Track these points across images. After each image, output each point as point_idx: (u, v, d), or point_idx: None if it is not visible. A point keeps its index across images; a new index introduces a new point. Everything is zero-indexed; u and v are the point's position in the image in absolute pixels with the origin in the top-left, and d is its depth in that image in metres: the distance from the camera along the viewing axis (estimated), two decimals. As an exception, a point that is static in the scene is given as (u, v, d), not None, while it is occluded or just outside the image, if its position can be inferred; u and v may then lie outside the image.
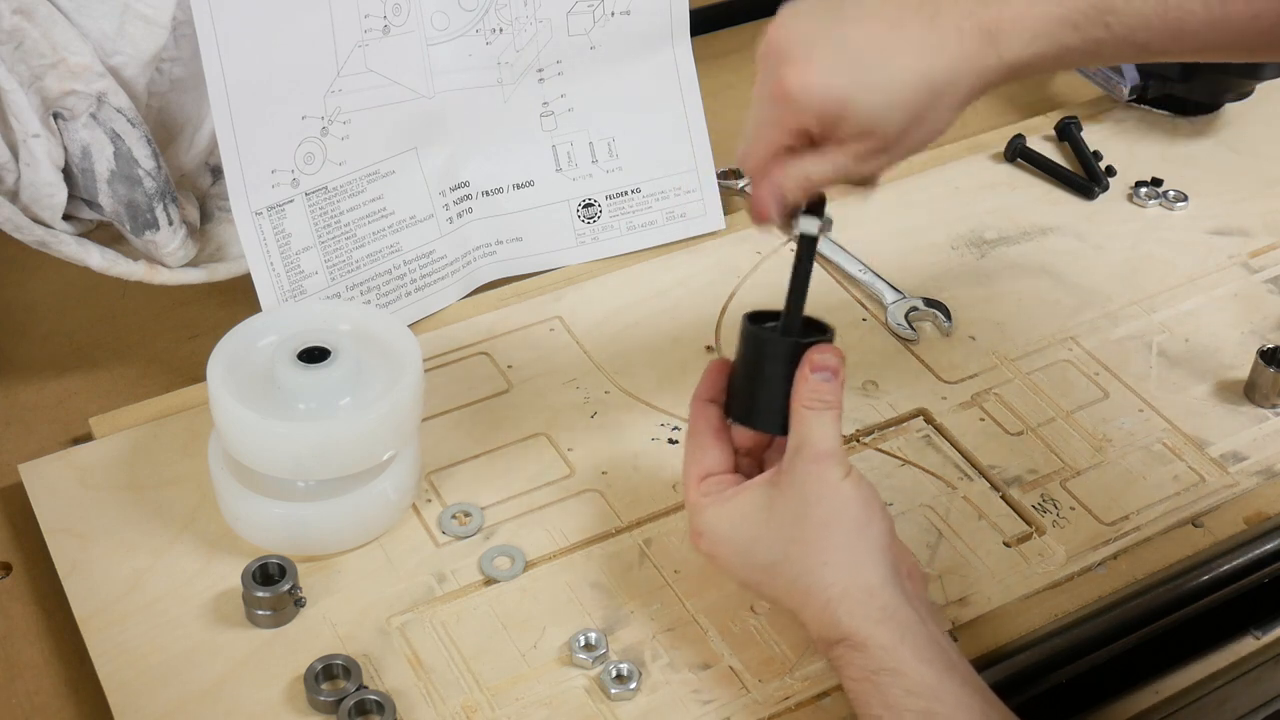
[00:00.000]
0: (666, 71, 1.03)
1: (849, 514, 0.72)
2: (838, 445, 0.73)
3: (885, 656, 0.69)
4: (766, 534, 0.74)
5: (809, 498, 0.73)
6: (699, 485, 0.77)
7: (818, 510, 0.72)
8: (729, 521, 0.75)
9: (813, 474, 0.73)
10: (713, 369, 0.79)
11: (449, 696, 0.76)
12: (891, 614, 0.70)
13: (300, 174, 0.92)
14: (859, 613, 0.71)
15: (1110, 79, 1.17)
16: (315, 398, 0.80)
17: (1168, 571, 0.84)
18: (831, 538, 0.72)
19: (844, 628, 0.71)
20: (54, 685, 0.78)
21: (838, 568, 0.72)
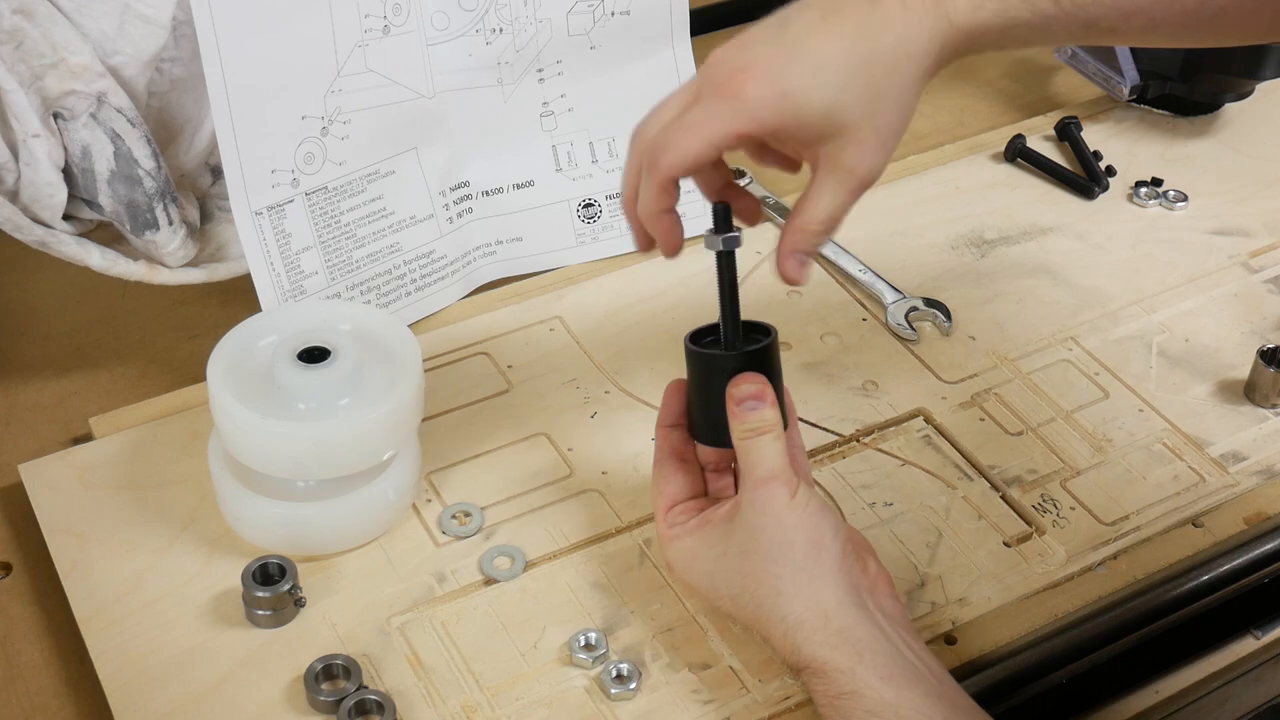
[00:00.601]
0: (666, 71, 1.03)
1: (798, 540, 0.72)
2: (779, 468, 0.73)
3: (844, 680, 0.69)
4: (724, 567, 0.74)
5: (756, 528, 0.73)
6: (665, 516, 0.78)
7: (765, 540, 0.73)
8: (691, 555, 0.76)
9: (758, 502, 0.73)
10: (670, 392, 0.80)
11: (449, 696, 0.76)
12: (847, 635, 0.70)
13: (300, 174, 0.92)
14: (816, 639, 0.71)
15: (1110, 79, 1.17)
16: (315, 398, 0.80)
17: (1168, 571, 0.84)
18: (782, 567, 0.72)
19: (804, 655, 0.71)
20: (54, 685, 0.78)
21: (791, 597, 0.72)
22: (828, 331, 0.99)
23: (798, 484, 0.74)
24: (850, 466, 0.89)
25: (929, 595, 0.81)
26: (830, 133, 0.70)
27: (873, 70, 0.69)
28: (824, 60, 0.69)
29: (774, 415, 0.74)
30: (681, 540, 0.77)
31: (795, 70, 0.69)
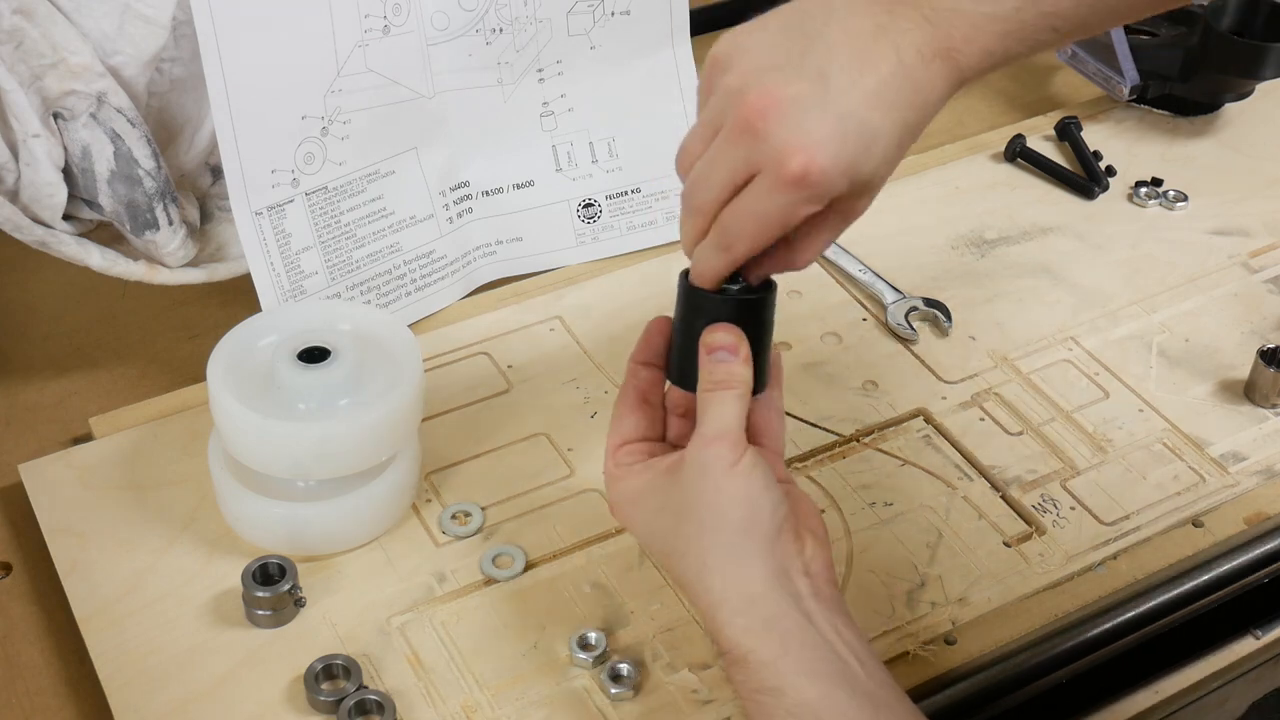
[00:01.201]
0: (666, 71, 1.03)
1: (732, 512, 0.68)
2: (730, 429, 0.69)
3: (766, 673, 0.65)
4: (660, 523, 0.71)
5: (693, 491, 0.69)
6: (615, 454, 0.74)
7: (699, 505, 0.69)
8: (631, 500, 0.72)
9: (700, 462, 0.69)
10: (651, 329, 0.76)
11: (449, 696, 0.76)
12: (774, 624, 0.66)
13: (300, 174, 0.92)
14: (739, 624, 0.66)
15: (1110, 79, 1.17)
16: (315, 398, 0.80)
17: (1168, 571, 0.84)
18: (712, 538, 0.68)
19: (725, 638, 0.67)
20: (54, 685, 0.78)
21: (718, 572, 0.68)
22: (828, 331, 0.99)
23: (744, 450, 0.69)
24: (850, 466, 0.89)
25: (929, 595, 0.81)
26: (860, 191, 0.69)
27: (908, 140, 0.69)
28: (877, 134, 0.67)
29: (742, 373, 0.70)
30: (624, 481, 0.73)
31: (855, 145, 0.66)
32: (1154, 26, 1.17)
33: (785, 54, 0.67)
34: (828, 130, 0.66)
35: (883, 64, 0.67)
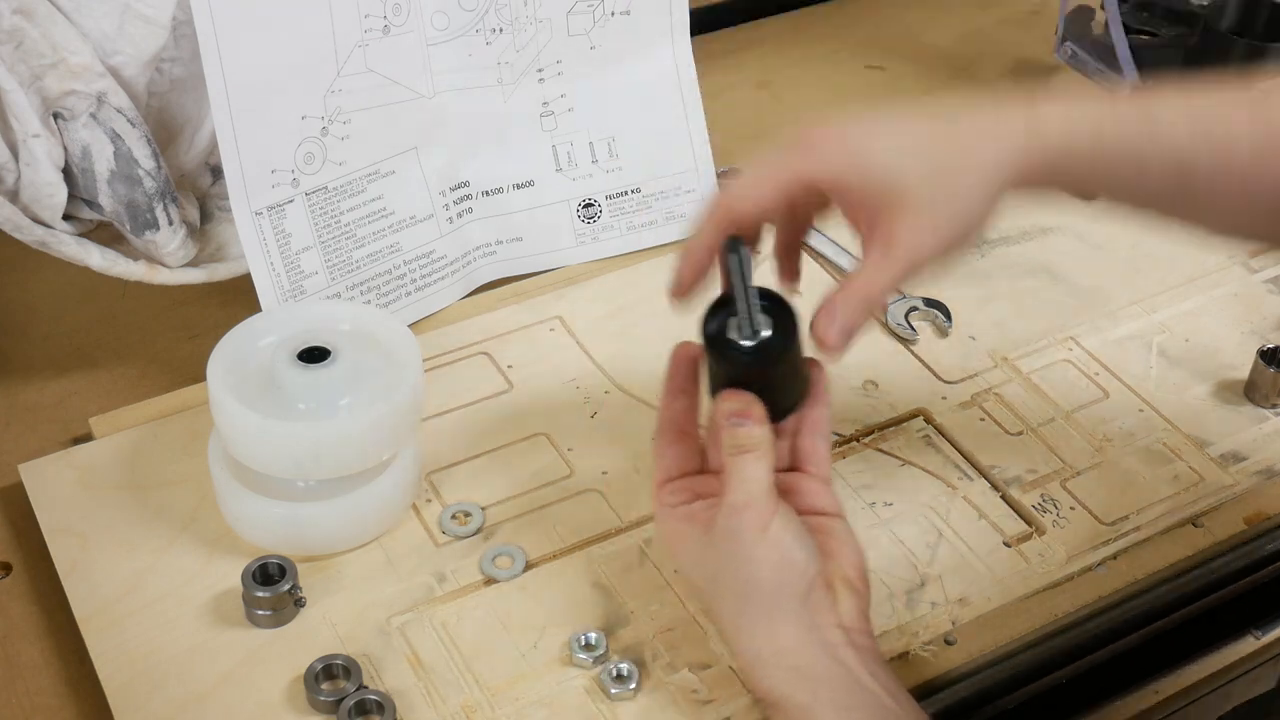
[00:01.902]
0: (666, 71, 1.03)
1: (764, 578, 0.70)
2: (755, 495, 0.70)
3: (800, 716, 0.68)
4: (698, 572, 0.74)
5: (725, 555, 0.71)
6: (659, 493, 0.76)
7: (730, 572, 0.71)
8: (674, 541, 0.75)
9: (730, 530, 0.71)
10: (680, 358, 0.76)
11: (449, 696, 0.76)
12: (806, 672, 0.69)
13: (300, 174, 0.92)
14: (774, 675, 0.69)
15: (1110, 79, 1.16)
16: (315, 398, 0.80)
17: (1168, 571, 0.84)
18: (745, 602, 0.71)
19: (761, 689, 0.70)
20: (54, 685, 0.78)
21: (750, 633, 0.71)
22: (828, 331, 0.99)
23: (772, 515, 0.70)
24: (850, 466, 0.89)
25: (929, 595, 0.81)
26: (890, 200, 0.69)
27: (948, 151, 0.69)
28: (903, 132, 0.69)
29: (760, 434, 0.71)
30: (668, 523, 0.75)
31: (873, 135, 0.70)
32: (1154, 26, 1.17)
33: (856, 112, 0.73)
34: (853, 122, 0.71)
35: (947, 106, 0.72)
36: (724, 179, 1.09)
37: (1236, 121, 0.71)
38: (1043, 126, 0.70)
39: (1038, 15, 1.37)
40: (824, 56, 1.31)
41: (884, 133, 0.70)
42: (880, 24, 1.36)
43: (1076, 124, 0.70)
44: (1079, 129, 0.70)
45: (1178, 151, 0.70)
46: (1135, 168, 0.71)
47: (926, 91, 1.26)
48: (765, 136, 1.20)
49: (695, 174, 1.05)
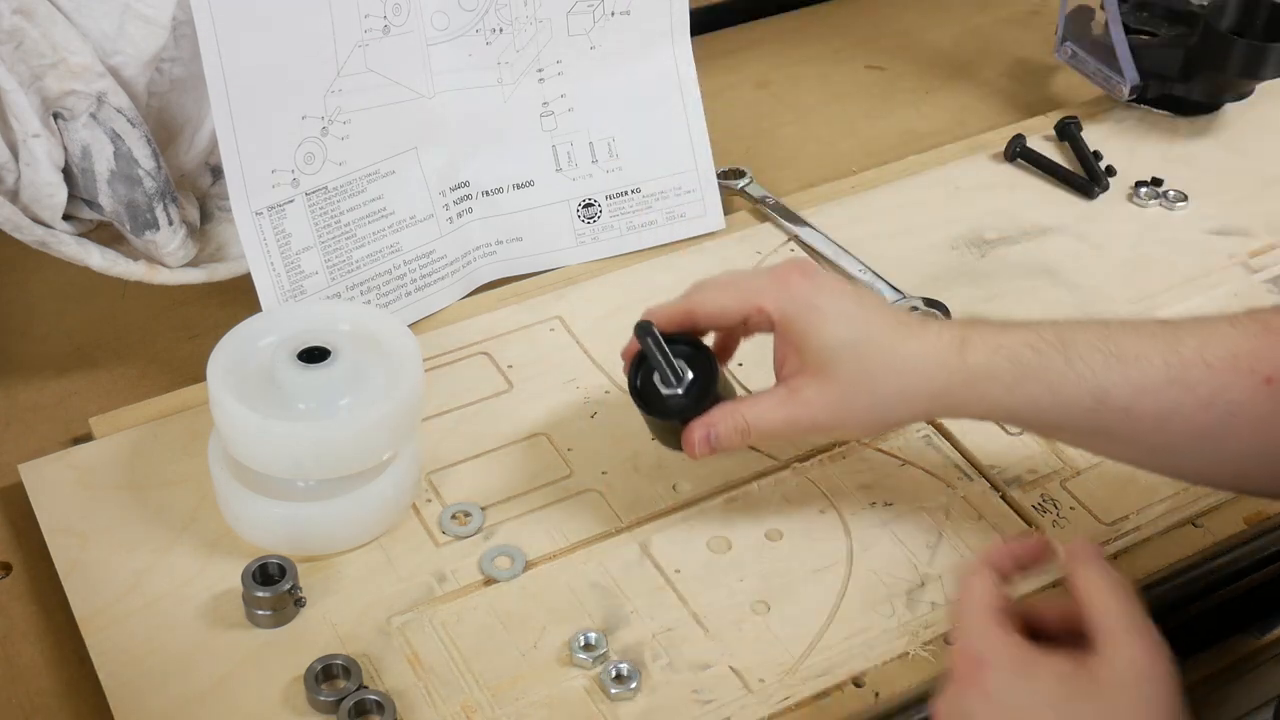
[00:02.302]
0: (666, 71, 1.03)
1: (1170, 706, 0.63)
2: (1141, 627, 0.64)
3: None
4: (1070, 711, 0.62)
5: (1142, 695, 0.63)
6: (999, 613, 0.65)
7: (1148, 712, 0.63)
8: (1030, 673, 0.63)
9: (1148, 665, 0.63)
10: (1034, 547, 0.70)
11: (449, 696, 0.76)
12: None
13: (300, 174, 0.92)
14: None
15: (1110, 79, 1.17)
16: (315, 398, 0.80)
17: (1168, 571, 0.84)
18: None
19: None
20: (54, 685, 0.78)
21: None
22: (828, 331, 0.99)
23: None
24: (850, 466, 0.89)
25: (929, 595, 0.81)
26: (818, 364, 0.76)
27: (885, 363, 0.76)
28: (859, 322, 0.76)
29: None
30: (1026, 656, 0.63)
31: (836, 310, 0.77)
32: (1154, 26, 1.17)
33: None
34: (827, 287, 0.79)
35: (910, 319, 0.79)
36: (724, 179, 1.09)
37: (1149, 351, 0.74)
38: (970, 356, 0.76)
39: (1038, 15, 1.37)
40: (824, 56, 1.31)
41: (845, 313, 0.77)
42: (880, 24, 1.36)
43: (998, 351, 0.76)
44: (999, 357, 0.75)
45: (1093, 378, 0.74)
46: (1050, 394, 0.75)
47: (926, 91, 1.26)
48: (765, 136, 1.21)
49: (695, 174, 1.05)
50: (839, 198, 1.11)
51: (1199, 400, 0.73)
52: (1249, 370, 0.73)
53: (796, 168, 1.16)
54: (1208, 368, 0.73)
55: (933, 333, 0.76)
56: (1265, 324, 0.75)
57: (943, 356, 0.76)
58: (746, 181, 1.10)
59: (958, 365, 0.75)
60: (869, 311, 0.77)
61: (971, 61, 1.31)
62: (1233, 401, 0.73)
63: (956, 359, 0.75)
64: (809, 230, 1.06)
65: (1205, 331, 0.75)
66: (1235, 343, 0.74)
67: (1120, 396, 0.74)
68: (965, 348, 0.76)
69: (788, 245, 1.06)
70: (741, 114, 1.22)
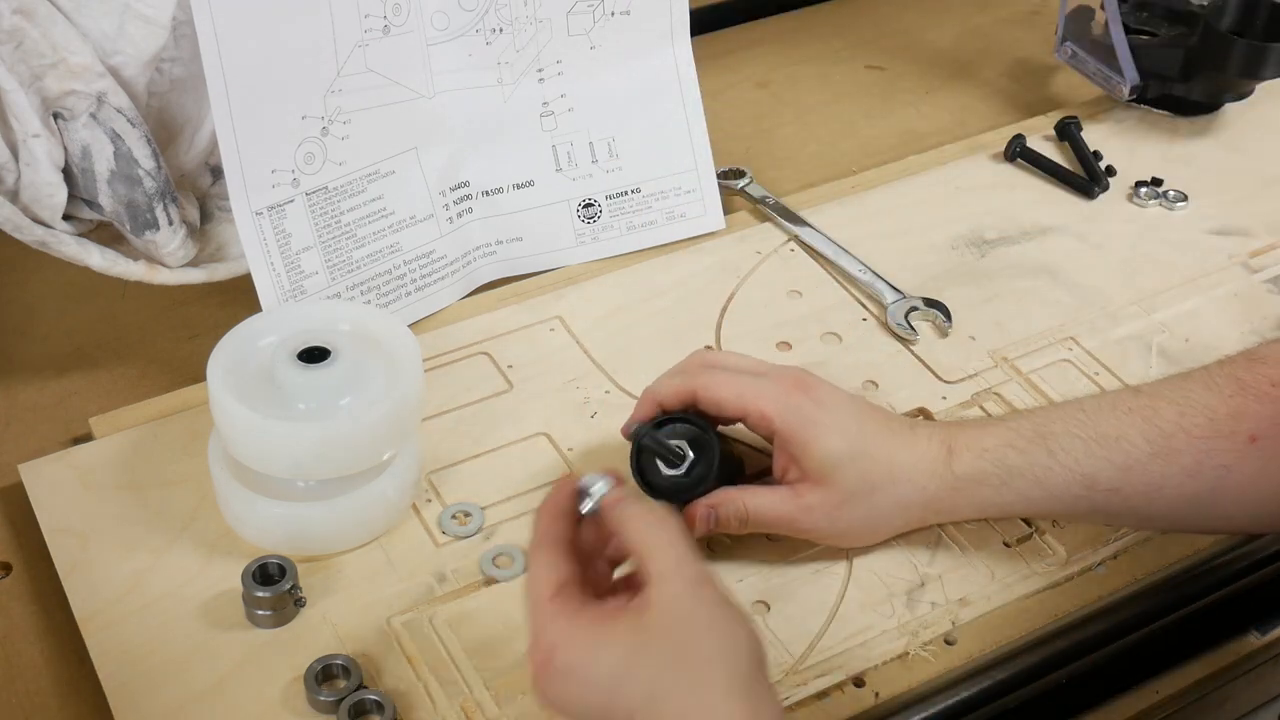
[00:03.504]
0: (666, 71, 1.03)
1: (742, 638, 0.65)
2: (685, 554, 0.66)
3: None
4: (645, 661, 0.63)
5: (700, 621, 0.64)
6: (555, 596, 0.66)
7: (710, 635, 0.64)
8: (594, 642, 0.64)
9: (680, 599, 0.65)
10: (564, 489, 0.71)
11: (449, 696, 0.76)
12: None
13: (300, 174, 0.92)
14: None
15: (1110, 79, 1.16)
16: (315, 398, 0.80)
17: (1168, 571, 0.84)
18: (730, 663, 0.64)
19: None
20: (54, 685, 0.78)
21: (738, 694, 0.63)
22: (828, 331, 0.99)
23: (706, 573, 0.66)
24: (850, 466, 0.89)
25: (929, 595, 0.81)
26: (822, 475, 0.78)
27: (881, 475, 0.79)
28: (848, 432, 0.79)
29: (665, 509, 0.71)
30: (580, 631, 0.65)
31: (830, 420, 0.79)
32: (1154, 26, 1.17)
33: None
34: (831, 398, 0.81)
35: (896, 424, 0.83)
36: (724, 179, 1.09)
37: (1128, 430, 0.76)
38: (956, 466, 0.79)
39: (1038, 15, 1.37)
40: (824, 56, 1.31)
41: (842, 427, 0.79)
42: (880, 24, 1.36)
43: (983, 456, 0.78)
44: (985, 462, 0.78)
45: (1078, 466, 0.77)
46: (1039, 488, 0.78)
47: (926, 91, 1.26)
48: (765, 136, 1.21)
49: (695, 174, 1.05)
50: (839, 198, 1.11)
51: (1186, 470, 0.76)
52: (1230, 433, 0.75)
53: (796, 168, 1.16)
54: (1189, 437, 0.76)
55: (922, 440, 0.79)
56: (1239, 382, 0.77)
57: (932, 467, 0.79)
58: (746, 181, 1.10)
59: (946, 474, 0.79)
60: (864, 423, 0.80)
61: (971, 61, 1.31)
62: (1220, 466, 0.75)
63: (945, 469, 0.79)
64: (809, 230, 1.06)
65: (1181, 398, 0.77)
66: (1213, 406, 0.76)
67: (1107, 479, 0.76)
68: (952, 458, 0.79)
69: (788, 245, 1.06)
70: (741, 114, 1.22)
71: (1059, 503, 0.78)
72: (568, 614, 0.66)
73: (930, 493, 0.79)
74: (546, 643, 0.65)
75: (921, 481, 0.79)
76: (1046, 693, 0.80)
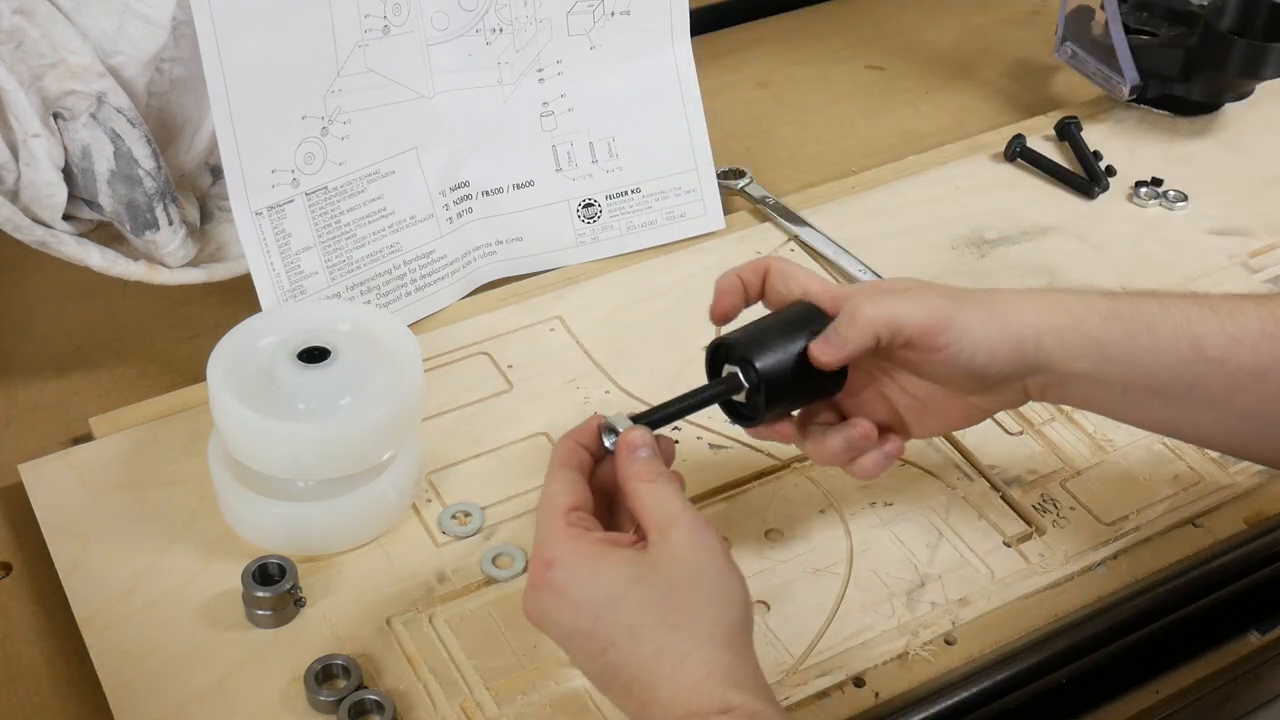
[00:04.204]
0: (666, 71, 1.03)
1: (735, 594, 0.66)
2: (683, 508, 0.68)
3: None
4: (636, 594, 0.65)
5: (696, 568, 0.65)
6: (568, 514, 0.68)
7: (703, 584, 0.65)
8: (593, 566, 0.66)
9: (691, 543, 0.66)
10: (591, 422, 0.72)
11: (449, 696, 0.76)
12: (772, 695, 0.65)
13: (300, 174, 0.92)
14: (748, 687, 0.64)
15: (1110, 79, 1.17)
16: (315, 398, 0.80)
17: (1168, 571, 0.84)
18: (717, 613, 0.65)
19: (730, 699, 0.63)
20: (54, 685, 0.78)
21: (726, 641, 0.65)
22: (828, 331, 0.99)
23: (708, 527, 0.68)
24: (850, 466, 0.89)
25: (929, 595, 0.81)
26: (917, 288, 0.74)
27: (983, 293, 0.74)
28: None
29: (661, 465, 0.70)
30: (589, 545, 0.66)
31: None
32: (1154, 26, 1.17)
33: None
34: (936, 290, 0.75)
35: None
36: (724, 179, 1.09)
37: (1243, 306, 0.73)
38: (1062, 297, 0.74)
39: (1038, 15, 1.37)
40: (824, 56, 1.31)
41: None
42: (880, 24, 1.36)
43: (1086, 292, 0.74)
44: (1091, 295, 0.74)
45: (1188, 324, 0.73)
46: (1148, 334, 0.73)
47: (927, 91, 1.26)
48: (765, 136, 1.21)
49: (695, 174, 1.05)
50: (839, 198, 1.11)
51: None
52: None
53: (796, 168, 1.16)
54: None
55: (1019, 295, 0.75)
56: None
57: (1034, 300, 0.74)
58: (746, 181, 1.10)
59: (1051, 305, 0.73)
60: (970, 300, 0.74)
61: (971, 61, 1.31)
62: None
63: (1050, 300, 0.74)
64: (809, 230, 1.06)
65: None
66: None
67: (1216, 346, 0.72)
68: (1056, 292, 0.74)
69: (788, 245, 1.06)
70: (741, 114, 1.22)
71: (1162, 362, 0.73)
72: (574, 535, 0.67)
73: (1044, 320, 0.73)
74: (548, 556, 0.66)
75: (1028, 307, 0.73)
76: (1046, 693, 0.80)
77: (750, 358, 0.73)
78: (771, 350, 0.73)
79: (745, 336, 0.74)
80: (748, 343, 0.74)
